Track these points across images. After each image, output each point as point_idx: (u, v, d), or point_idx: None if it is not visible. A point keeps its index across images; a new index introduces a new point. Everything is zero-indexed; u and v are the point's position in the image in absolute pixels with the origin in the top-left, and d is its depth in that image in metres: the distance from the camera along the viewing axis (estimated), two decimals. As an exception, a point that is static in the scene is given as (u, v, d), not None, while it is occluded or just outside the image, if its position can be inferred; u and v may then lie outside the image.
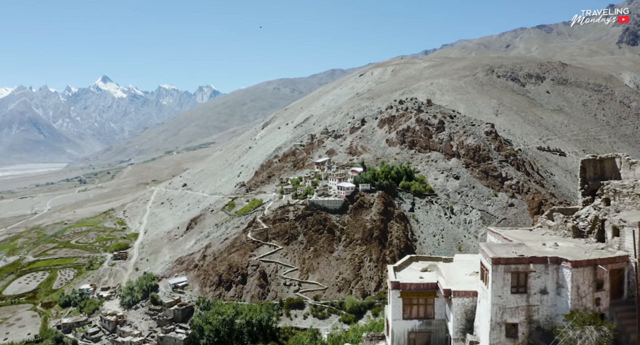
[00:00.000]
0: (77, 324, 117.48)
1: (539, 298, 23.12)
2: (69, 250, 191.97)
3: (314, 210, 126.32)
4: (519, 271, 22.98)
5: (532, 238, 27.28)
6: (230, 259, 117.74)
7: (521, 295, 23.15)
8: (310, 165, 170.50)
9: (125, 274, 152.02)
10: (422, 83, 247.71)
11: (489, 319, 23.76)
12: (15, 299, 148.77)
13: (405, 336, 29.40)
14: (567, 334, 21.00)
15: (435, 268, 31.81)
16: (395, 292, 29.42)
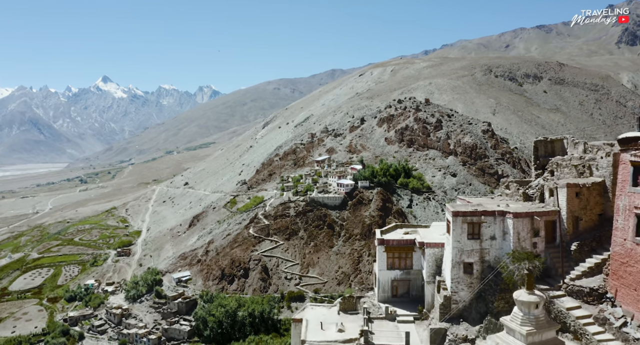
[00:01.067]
0: (83, 317, 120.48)
1: (489, 243, 29.54)
2: (73, 248, 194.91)
3: (314, 206, 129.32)
4: (474, 222, 29.42)
5: (491, 202, 33.64)
6: (233, 254, 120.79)
7: (475, 241, 29.59)
8: (311, 163, 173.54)
9: (129, 270, 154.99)
10: (421, 83, 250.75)
11: (450, 260, 30.08)
12: (21, 294, 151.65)
13: (389, 284, 36.25)
14: (507, 267, 26.82)
15: (415, 232, 38.28)
16: (380, 248, 36.25)
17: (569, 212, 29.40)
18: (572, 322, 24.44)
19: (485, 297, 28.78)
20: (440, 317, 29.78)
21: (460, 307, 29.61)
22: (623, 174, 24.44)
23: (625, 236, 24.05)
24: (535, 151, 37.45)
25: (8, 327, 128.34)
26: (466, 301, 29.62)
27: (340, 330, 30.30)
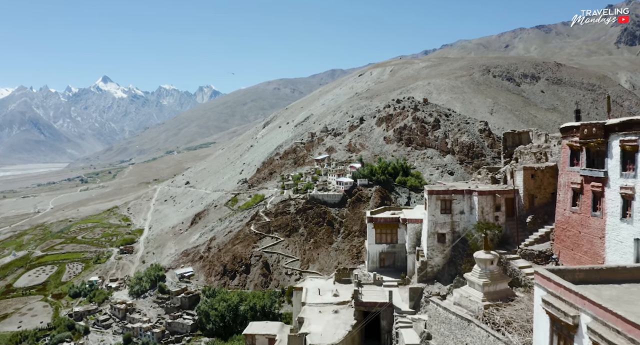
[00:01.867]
0: (88, 312, 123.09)
1: (459, 216, 35.55)
2: (76, 246, 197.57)
3: (314, 204, 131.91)
4: (446, 199, 35.65)
5: (463, 185, 39.42)
6: (234, 250, 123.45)
7: (447, 215, 35.65)
8: (311, 162, 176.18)
9: (132, 267, 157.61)
10: (420, 83, 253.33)
11: (426, 231, 36.11)
12: (26, 291, 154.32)
13: (377, 256, 42.49)
14: (473, 235, 32.43)
15: (400, 212, 44.34)
16: (370, 225, 42.67)
17: (525, 191, 35.18)
18: (523, 278, 29.38)
19: (455, 261, 34.57)
20: (419, 279, 35.54)
21: (434, 270, 35.70)
22: (563, 156, 29.60)
23: (565, 207, 29.12)
24: (504, 142, 44.06)
25: (14, 322, 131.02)
26: (440, 265, 35.75)
27: (335, 295, 34.64)
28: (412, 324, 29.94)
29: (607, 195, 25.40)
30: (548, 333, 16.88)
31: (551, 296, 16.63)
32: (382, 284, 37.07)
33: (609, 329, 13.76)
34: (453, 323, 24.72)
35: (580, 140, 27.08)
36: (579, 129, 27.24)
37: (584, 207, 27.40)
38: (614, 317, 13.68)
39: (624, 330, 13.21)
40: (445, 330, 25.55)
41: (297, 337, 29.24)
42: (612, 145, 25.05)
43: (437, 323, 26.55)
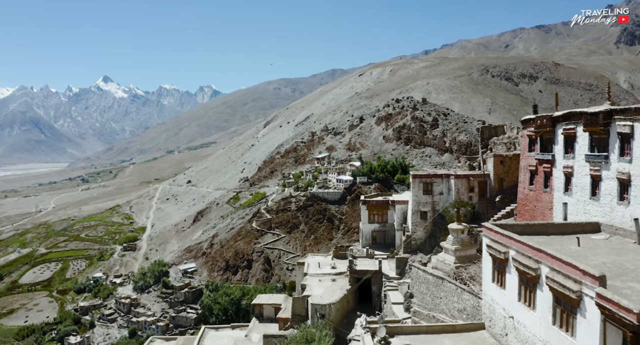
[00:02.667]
0: (94, 307, 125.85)
1: (439, 197, 41.67)
2: (80, 243, 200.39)
3: (314, 201, 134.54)
4: (427, 182, 42.04)
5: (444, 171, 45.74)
6: (237, 246, 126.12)
7: (428, 195, 41.85)
8: (311, 160, 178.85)
9: (136, 263, 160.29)
10: (419, 82, 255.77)
11: (411, 209, 42.39)
12: (32, 287, 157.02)
13: (370, 234, 48.59)
14: (449, 212, 38.04)
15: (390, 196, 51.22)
16: (363, 207, 49.15)
17: (495, 175, 40.72)
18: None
19: (435, 234, 40.39)
20: (404, 251, 41.22)
21: (417, 243, 41.60)
22: (523, 144, 35.07)
23: (524, 186, 34.39)
24: (481, 135, 49.59)
25: (20, 317, 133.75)
26: (422, 238, 41.87)
27: (333, 267, 39.16)
28: (398, 287, 35.04)
29: (554, 174, 30.69)
30: (490, 268, 22.39)
31: (491, 241, 21.73)
32: (373, 257, 42.25)
33: (523, 256, 19.07)
34: (430, 282, 29.96)
35: (535, 130, 32.22)
36: (534, 120, 32.43)
37: (538, 185, 32.65)
38: (525, 247, 18.96)
39: (529, 253, 18.68)
40: (424, 289, 30.70)
41: (300, 299, 33.52)
42: (558, 133, 30.22)
43: (418, 284, 31.62)
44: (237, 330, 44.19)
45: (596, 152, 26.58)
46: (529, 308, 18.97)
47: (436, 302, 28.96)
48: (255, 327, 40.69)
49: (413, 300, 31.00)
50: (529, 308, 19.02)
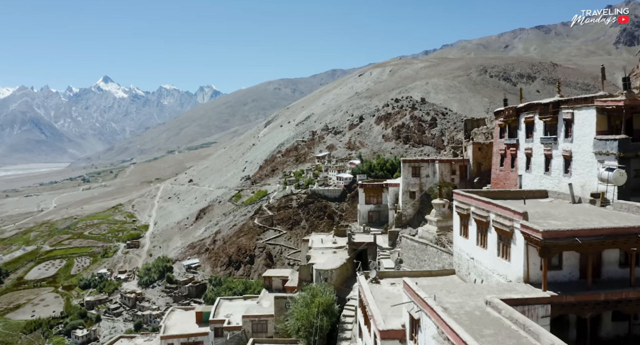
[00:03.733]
0: (99, 301, 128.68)
1: (425, 179, 47.88)
2: (83, 241, 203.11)
3: (315, 198, 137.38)
4: (415, 166, 48.41)
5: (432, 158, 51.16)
6: (239, 242, 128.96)
7: (417, 178, 48.10)
8: (312, 159, 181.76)
9: (140, 260, 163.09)
10: (418, 83, 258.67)
11: (401, 189, 48.75)
12: (37, 283, 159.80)
13: (366, 214, 54.86)
14: (434, 191, 43.29)
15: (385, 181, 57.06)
16: (361, 190, 55.62)
17: (474, 160, 46.64)
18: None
19: (422, 211, 45.66)
20: (395, 226, 46.82)
21: (407, 219, 47.78)
22: (495, 132, 41.00)
23: (496, 168, 40.09)
24: (465, 126, 56.31)
25: (27, 311, 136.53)
26: (411, 215, 47.75)
27: (334, 243, 43.95)
28: (390, 256, 40.14)
29: (518, 155, 36.23)
30: (458, 224, 27.89)
31: (458, 202, 27.33)
32: (369, 232, 48.02)
33: (479, 209, 24.69)
34: (417, 248, 35.28)
35: (504, 119, 38.11)
36: (503, 112, 38.47)
37: (506, 166, 38.32)
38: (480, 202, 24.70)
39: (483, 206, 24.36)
40: (411, 255, 35.39)
41: (306, 266, 37.76)
42: (521, 121, 35.88)
43: (406, 251, 36.10)
44: (249, 301, 50.66)
45: (548, 135, 32.18)
46: (483, 248, 24.56)
47: (421, 264, 34.20)
48: (265, 296, 46.08)
49: (402, 265, 35.83)
50: (483, 248, 24.60)
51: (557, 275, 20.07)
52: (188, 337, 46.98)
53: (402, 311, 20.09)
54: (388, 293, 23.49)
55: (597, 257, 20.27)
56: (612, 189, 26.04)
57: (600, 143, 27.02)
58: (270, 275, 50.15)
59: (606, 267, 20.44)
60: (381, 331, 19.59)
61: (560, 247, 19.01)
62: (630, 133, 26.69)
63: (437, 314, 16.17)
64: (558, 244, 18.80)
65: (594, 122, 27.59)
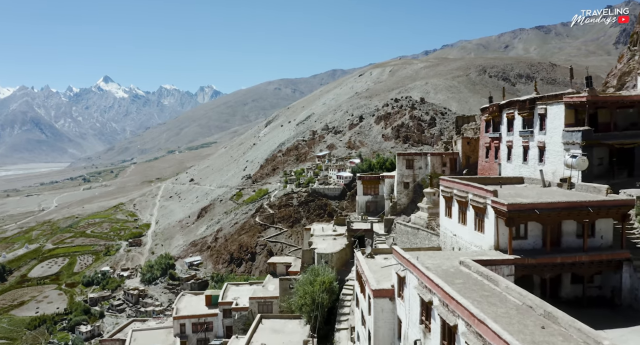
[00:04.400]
0: (102, 298, 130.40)
1: (418, 171, 51.14)
2: (86, 239, 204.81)
3: (315, 196, 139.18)
4: (409, 158, 51.81)
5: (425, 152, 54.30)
6: (240, 240, 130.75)
7: (410, 170, 51.48)
8: (312, 158, 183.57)
9: (142, 258, 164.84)
10: (418, 83, 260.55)
11: (396, 180, 52.39)
12: (41, 281, 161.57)
13: (364, 204, 58.44)
14: (426, 182, 45.42)
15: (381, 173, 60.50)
16: (359, 182, 59.59)
17: (463, 153, 50.09)
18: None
19: (415, 200, 48.94)
20: (390, 214, 50.14)
21: (401, 207, 51.14)
22: (481, 127, 44.69)
23: (482, 159, 43.74)
24: (456, 123, 59.81)
25: (31, 308, 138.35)
26: (405, 204, 51.14)
27: (334, 231, 46.70)
28: (385, 241, 42.98)
29: (501, 147, 39.78)
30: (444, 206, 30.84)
31: (444, 187, 30.45)
32: (367, 220, 51.92)
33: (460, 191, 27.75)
34: (409, 233, 38.38)
35: (489, 115, 41.84)
36: (488, 108, 42.38)
37: (491, 158, 41.84)
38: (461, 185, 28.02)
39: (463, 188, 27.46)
40: (404, 239, 38.22)
41: (309, 251, 40.64)
42: (503, 117, 39.54)
43: (400, 236, 38.91)
44: (255, 286, 53.95)
45: (526, 129, 35.84)
46: (463, 225, 27.77)
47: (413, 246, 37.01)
48: (270, 281, 49.47)
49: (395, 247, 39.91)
50: (463, 225, 27.77)
51: (523, 244, 23.32)
52: (199, 317, 51.00)
53: (391, 276, 23.20)
54: (381, 265, 26.63)
55: (557, 228, 23.46)
56: (577, 174, 29.58)
57: (567, 134, 30.99)
58: (274, 262, 53.32)
59: (565, 238, 23.66)
60: (374, 290, 22.76)
61: (522, 217, 22.45)
62: (596, 126, 30.58)
63: (418, 269, 19.15)
64: (520, 215, 22.28)
65: (562, 116, 31.58)
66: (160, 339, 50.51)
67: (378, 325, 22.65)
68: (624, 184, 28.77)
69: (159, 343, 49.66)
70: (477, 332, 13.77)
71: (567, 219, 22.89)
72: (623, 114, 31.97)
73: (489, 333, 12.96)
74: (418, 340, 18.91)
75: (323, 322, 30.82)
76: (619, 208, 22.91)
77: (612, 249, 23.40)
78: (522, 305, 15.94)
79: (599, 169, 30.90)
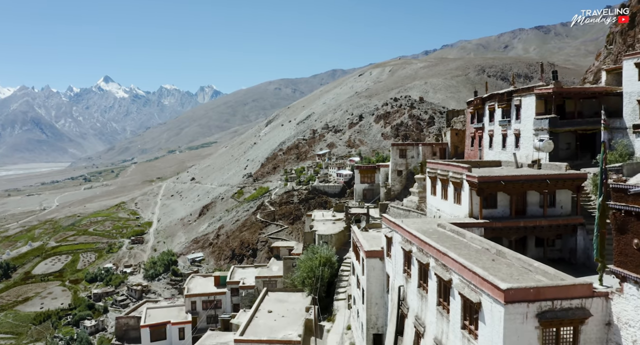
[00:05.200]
0: (106, 294, 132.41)
1: (410, 160, 55.81)
2: (88, 237, 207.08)
3: (315, 194, 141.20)
4: (402, 148, 57.17)
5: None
6: (242, 237, 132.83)
7: (403, 158, 56.58)
8: (312, 157, 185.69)
9: (144, 255, 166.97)
10: (417, 82, 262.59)
11: (390, 169, 57.54)
12: (44, 277, 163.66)
13: (361, 192, 63.97)
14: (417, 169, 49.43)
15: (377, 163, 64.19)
16: (357, 171, 65.95)
17: (452, 144, 54.47)
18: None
19: (407, 186, 53.14)
20: (385, 199, 54.75)
21: (395, 193, 55.60)
22: (467, 118, 49.60)
23: (468, 148, 46.86)
24: (447, 117, 65.12)
25: (36, 304, 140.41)
26: (398, 190, 55.58)
27: (333, 216, 50.97)
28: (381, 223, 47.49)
29: (484, 136, 44.16)
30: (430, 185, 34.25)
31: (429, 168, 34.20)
32: (363, 206, 56.15)
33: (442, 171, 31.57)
34: (401, 215, 41.73)
35: (473, 107, 46.43)
36: (473, 101, 47.07)
37: (475, 146, 46.01)
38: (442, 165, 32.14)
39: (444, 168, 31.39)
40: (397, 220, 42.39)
41: (310, 232, 44.74)
42: (486, 108, 44.04)
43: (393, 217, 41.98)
44: (260, 268, 58.15)
45: (504, 119, 40.05)
46: (445, 200, 31.43)
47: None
48: (274, 263, 54.27)
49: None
50: (445, 200, 31.42)
51: (493, 212, 26.98)
52: (208, 295, 55.88)
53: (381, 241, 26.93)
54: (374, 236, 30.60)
55: (522, 198, 27.05)
56: (545, 156, 33.49)
57: (537, 121, 35.35)
58: (277, 246, 58.41)
59: (530, 207, 27.39)
60: (366, 252, 26.64)
61: (490, 188, 26.25)
62: (564, 114, 35.19)
63: (402, 227, 23.17)
64: (489, 185, 26.14)
65: (534, 106, 36.23)
66: (172, 315, 54.11)
67: (370, 282, 26.52)
68: (586, 164, 32.70)
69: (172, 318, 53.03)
70: (443, 264, 17.60)
71: (529, 189, 26.63)
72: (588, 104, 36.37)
73: (450, 261, 16.89)
74: (402, 286, 22.66)
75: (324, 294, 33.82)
76: (573, 181, 26.59)
77: (570, 216, 26.95)
78: (481, 248, 19.59)
79: (566, 152, 34.53)
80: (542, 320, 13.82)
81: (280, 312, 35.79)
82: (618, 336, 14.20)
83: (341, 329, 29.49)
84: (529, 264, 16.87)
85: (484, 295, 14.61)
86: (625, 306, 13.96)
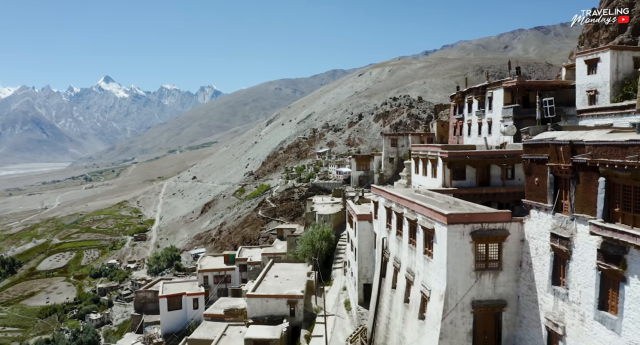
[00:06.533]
0: (111, 288, 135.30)
1: (401, 148, 64.60)
2: (91, 234, 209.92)
3: (315, 191, 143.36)
4: (393, 138, 68.09)
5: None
6: (244, 232, 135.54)
7: (395, 147, 66.44)
8: (313, 155, 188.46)
9: (147, 251, 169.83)
10: (416, 82, 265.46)
11: (383, 157, 64.89)
12: (49, 273, 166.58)
13: (357, 178, 71.85)
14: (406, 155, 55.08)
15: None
16: (353, 160, 77.94)
17: (438, 134, 60.33)
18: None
19: (398, 172, 57.61)
20: (378, 184, 56.17)
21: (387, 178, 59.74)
22: (450, 111, 54.43)
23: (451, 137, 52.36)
24: (435, 110, 72.68)
25: (42, 298, 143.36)
26: (390, 175, 60.21)
27: (332, 200, 55.50)
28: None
29: (464, 126, 50.08)
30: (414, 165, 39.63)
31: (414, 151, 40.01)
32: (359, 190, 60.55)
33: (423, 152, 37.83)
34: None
35: (455, 101, 52.10)
36: (455, 95, 52.95)
37: (457, 134, 51.69)
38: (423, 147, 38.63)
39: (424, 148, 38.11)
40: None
41: (311, 213, 49.59)
42: (465, 101, 49.89)
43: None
44: (265, 248, 63.10)
45: (480, 109, 45.58)
46: (425, 176, 36.77)
47: None
48: (278, 243, 59.50)
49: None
50: (425, 176, 36.75)
51: (462, 183, 32.39)
52: (219, 270, 61.44)
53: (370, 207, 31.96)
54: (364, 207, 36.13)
55: (486, 171, 32.35)
56: (509, 139, 38.80)
57: (504, 110, 41.60)
58: (281, 228, 64.67)
59: (493, 179, 32.85)
60: (358, 215, 32.03)
61: (459, 162, 31.76)
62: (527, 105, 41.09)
63: (385, 191, 29.11)
64: (457, 159, 31.72)
65: (502, 98, 42.59)
66: (187, 288, 59.03)
67: (361, 240, 31.77)
68: (544, 145, 39.39)
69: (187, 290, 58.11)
70: (412, 210, 23.44)
71: (492, 163, 32.42)
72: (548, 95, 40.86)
73: (417, 206, 22.80)
74: (384, 238, 27.88)
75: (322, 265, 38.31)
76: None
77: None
78: (443, 202, 24.06)
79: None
80: (474, 237, 19.47)
81: (285, 277, 41.86)
82: (528, 248, 19.84)
83: (338, 290, 35.20)
84: (474, 206, 22.89)
85: (436, 223, 20.49)
86: (532, 226, 19.57)
